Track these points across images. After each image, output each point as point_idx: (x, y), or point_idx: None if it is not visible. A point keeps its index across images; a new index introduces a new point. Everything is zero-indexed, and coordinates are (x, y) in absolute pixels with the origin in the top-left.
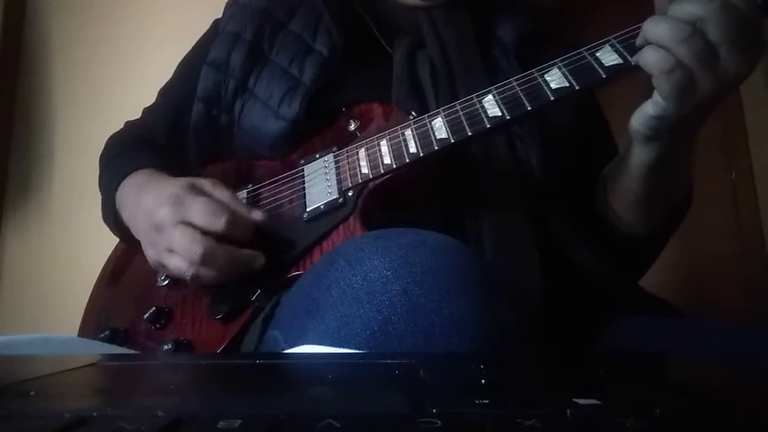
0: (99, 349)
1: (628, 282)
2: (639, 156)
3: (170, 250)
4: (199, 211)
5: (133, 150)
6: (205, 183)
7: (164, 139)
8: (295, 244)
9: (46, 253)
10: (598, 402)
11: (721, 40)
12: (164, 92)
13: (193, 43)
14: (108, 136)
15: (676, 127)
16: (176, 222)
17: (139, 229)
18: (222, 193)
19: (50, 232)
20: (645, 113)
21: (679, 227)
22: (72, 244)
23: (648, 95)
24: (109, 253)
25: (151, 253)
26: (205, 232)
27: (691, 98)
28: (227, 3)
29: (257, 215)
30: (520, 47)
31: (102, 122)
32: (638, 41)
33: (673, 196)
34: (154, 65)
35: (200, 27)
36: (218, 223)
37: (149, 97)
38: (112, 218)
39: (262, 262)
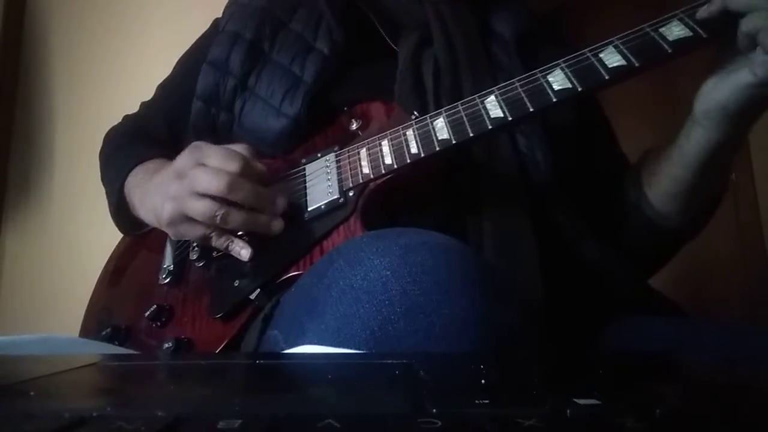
0: (99, 349)
1: (635, 278)
2: (701, 139)
3: (193, 193)
4: (215, 155)
5: (137, 142)
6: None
7: (163, 135)
8: (295, 243)
9: (46, 253)
10: (598, 402)
11: None
12: (163, 88)
13: (192, 43)
14: None
15: (757, 105)
16: (196, 164)
17: (154, 197)
18: (233, 146)
19: (50, 232)
20: (739, 84)
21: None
22: (72, 244)
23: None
24: (109, 252)
25: (171, 207)
26: None
27: None
28: (227, 2)
29: (259, 166)
30: (519, 44)
31: (102, 122)
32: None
33: (718, 186)
34: (154, 65)
35: (200, 27)
36: (233, 165)
37: (149, 96)
38: (115, 206)
39: (284, 204)
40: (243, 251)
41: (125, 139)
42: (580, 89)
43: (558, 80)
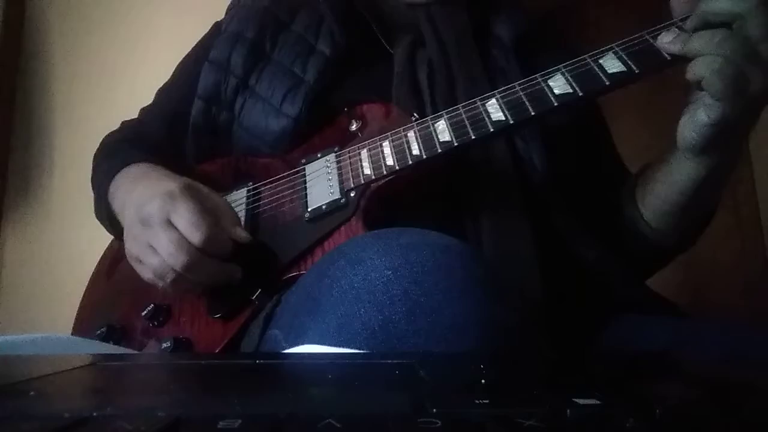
0: (99, 348)
1: (632, 279)
2: (690, 170)
3: (153, 249)
4: (184, 217)
5: (131, 148)
6: (202, 187)
7: (162, 138)
8: (296, 243)
9: (46, 254)
10: (598, 402)
11: (761, 38)
12: (162, 92)
13: (193, 45)
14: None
15: (731, 134)
16: (163, 220)
17: (125, 218)
18: (215, 202)
19: (50, 232)
20: (699, 123)
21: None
22: (72, 244)
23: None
24: None
25: (129, 245)
26: None
27: (743, 96)
28: (230, 5)
29: (238, 234)
30: (518, 47)
31: (102, 122)
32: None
33: (711, 206)
34: (155, 66)
35: (201, 28)
36: (195, 237)
37: (149, 97)
38: (105, 212)
39: (238, 278)
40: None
41: (117, 145)
42: (580, 94)
43: (559, 85)
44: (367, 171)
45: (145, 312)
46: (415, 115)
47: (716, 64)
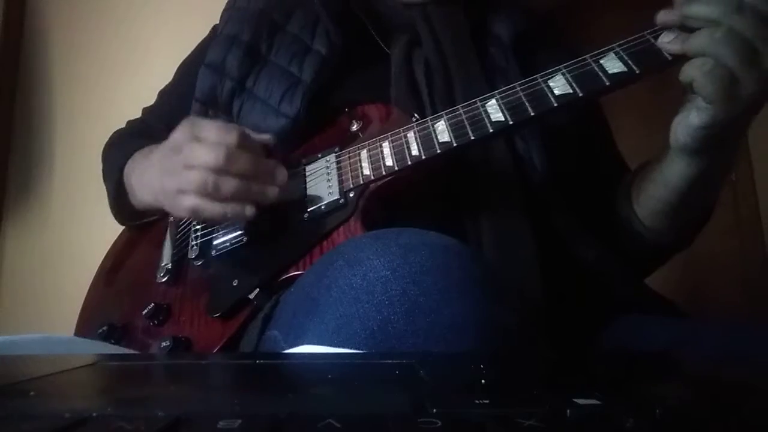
0: (99, 348)
1: (631, 280)
2: (682, 169)
3: (189, 166)
4: (211, 128)
5: (139, 138)
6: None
7: (164, 138)
8: (295, 243)
9: (46, 253)
10: (598, 402)
11: (753, 39)
12: (163, 94)
13: (193, 45)
14: (107, 136)
15: (723, 137)
16: (192, 137)
17: (153, 172)
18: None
19: (50, 232)
20: (691, 125)
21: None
22: (72, 243)
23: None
24: None
25: (165, 184)
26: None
27: (735, 99)
28: (225, 7)
29: (261, 136)
30: (517, 46)
31: (102, 122)
32: (671, 48)
33: (707, 205)
34: (153, 66)
35: (200, 29)
36: (231, 136)
37: (148, 97)
38: (114, 193)
39: (284, 176)
40: (247, 209)
41: (128, 138)
42: (581, 94)
43: (559, 85)
44: (367, 171)
45: (145, 311)
46: (415, 115)
47: (707, 66)
